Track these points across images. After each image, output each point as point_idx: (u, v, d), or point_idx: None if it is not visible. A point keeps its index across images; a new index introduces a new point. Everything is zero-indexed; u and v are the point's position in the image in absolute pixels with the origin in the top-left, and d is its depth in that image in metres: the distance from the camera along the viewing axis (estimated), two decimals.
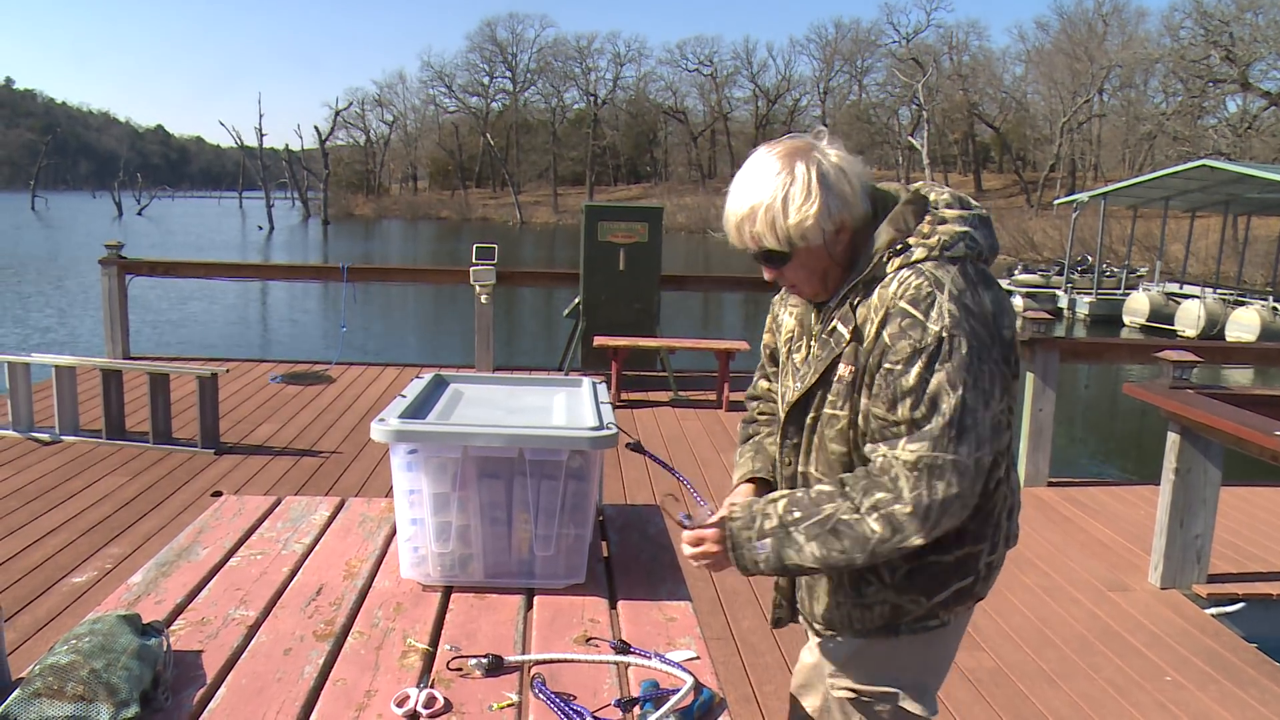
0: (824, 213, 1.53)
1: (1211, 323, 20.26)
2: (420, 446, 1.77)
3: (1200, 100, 46.36)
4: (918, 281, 1.49)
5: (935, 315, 1.47)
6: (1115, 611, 4.09)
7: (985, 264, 1.58)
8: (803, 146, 1.57)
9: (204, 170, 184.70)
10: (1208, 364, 5.10)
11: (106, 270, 8.47)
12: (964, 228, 1.55)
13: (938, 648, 1.73)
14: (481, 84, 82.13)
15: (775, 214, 1.54)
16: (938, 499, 1.47)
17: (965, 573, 1.63)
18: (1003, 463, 1.59)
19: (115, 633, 1.40)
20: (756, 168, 1.58)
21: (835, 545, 1.53)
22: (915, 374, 1.47)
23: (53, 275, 29.26)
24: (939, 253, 1.52)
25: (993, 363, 1.49)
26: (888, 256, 1.54)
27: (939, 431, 1.46)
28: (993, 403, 1.49)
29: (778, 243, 1.56)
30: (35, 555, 4.25)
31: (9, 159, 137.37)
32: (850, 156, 1.59)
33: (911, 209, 1.57)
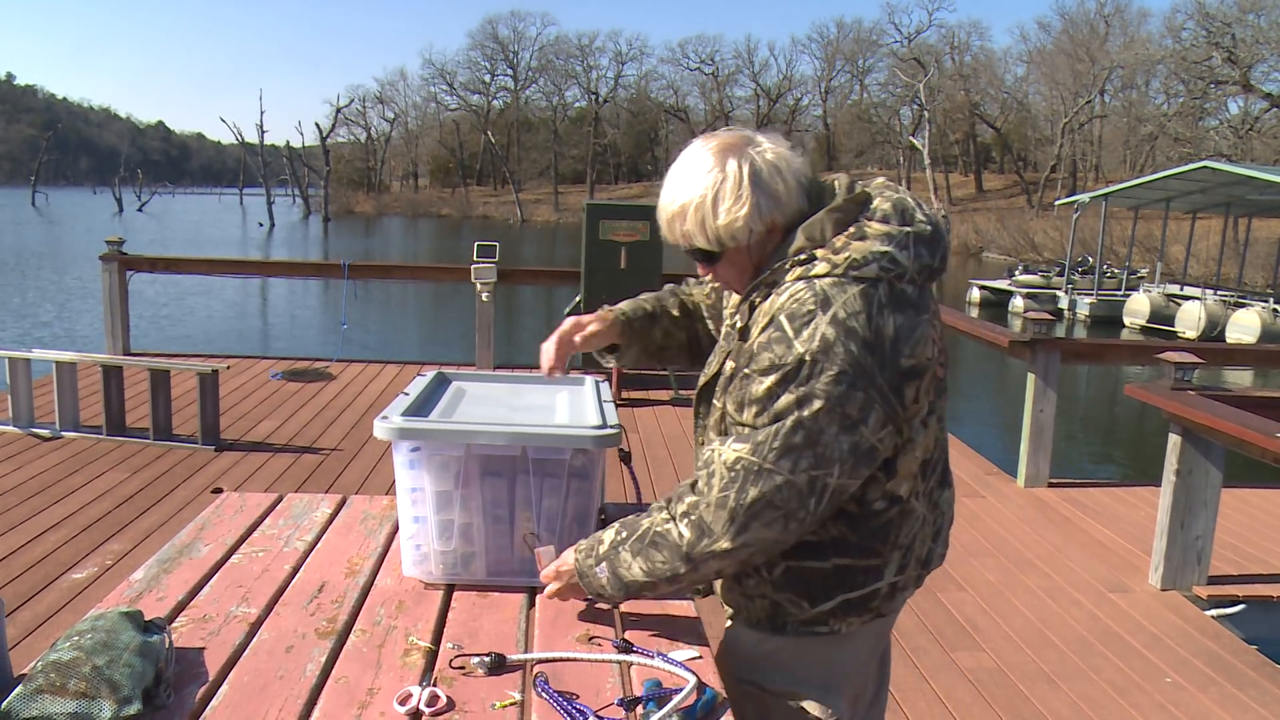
0: (754, 214, 1.51)
1: (1212, 324, 20.26)
2: (423, 444, 1.77)
3: (1202, 102, 46.37)
4: (804, 297, 1.45)
5: (806, 336, 1.43)
6: (1115, 612, 4.09)
7: (912, 284, 1.50)
8: (737, 142, 1.54)
9: (205, 167, 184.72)
10: (1209, 365, 5.10)
11: (107, 266, 8.46)
12: (884, 247, 1.48)
13: (838, 656, 1.70)
14: (483, 82, 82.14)
15: (705, 213, 1.52)
16: (745, 502, 1.47)
17: (852, 585, 1.60)
18: (903, 490, 1.57)
19: (117, 629, 1.40)
20: (689, 163, 1.55)
21: (656, 557, 1.55)
22: (765, 387, 1.46)
23: (53, 271, 29.25)
24: (843, 271, 1.46)
25: (873, 390, 1.44)
26: (791, 264, 1.50)
27: (764, 438, 1.45)
28: (863, 429, 1.45)
29: (707, 242, 1.55)
30: (36, 551, 4.25)
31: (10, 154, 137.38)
32: (787, 152, 1.56)
33: (834, 218, 1.51)
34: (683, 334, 1.94)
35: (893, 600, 1.66)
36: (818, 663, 1.69)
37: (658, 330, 1.93)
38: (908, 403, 1.49)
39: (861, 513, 1.56)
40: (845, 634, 1.65)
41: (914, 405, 1.51)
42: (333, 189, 73.60)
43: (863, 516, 1.56)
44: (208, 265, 12.03)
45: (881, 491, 1.55)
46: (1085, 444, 11.97)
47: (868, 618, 1.65)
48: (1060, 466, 6.24)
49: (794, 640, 1.65)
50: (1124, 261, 26.65)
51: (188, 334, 16.98)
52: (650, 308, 1.93)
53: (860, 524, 1.56)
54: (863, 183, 1.60)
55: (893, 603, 1.67)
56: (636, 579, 1.58)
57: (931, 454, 1.61)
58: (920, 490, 1.60)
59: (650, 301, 1.94)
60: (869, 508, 1.56)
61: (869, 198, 1.55)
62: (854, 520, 1.56)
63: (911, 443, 1.54)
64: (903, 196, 1.56)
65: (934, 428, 1.59)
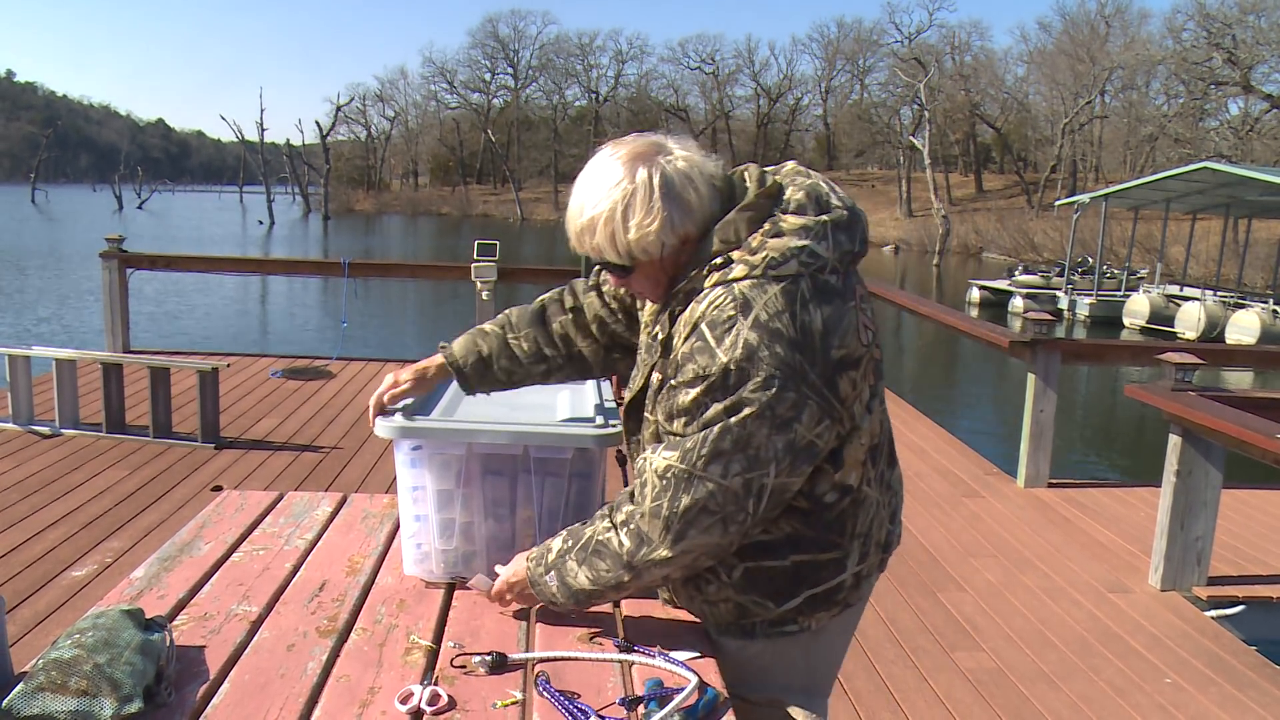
0: (666, 227, 1.47)
1: (1212, 325, 20.27)
2: (425, 443, 1.77)
3: (1202, 102, 46.38)
4: (723, 304, 1.43)
5: (729, 344, 1.41)
6: (1115, 613, 4.09)
7: (835, 273, 1.48)
8: (647, 150, 1.50)
9: (205, 164, 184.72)
10: (1209, 366, 5.10)
11: (107, 264, 8.46)
12: (802, 241, 1.45)
13: (816, 656, 1.71)
14: (483, 80, 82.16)
15: (615, 227, 1.48)
16: (678, 510, 1.46)
17: (816, 580, 1.59)
18: (852, 479, 1.55)
19: (118, 627, 1.40)
20: (598, 173, 1.51)
21: (600, 565, 1.54)
22: (693, 397, 1.44)
23: (53, 268, 29.24)
24: (762, 271, 1.43)
25: (805, 388, 1.42)
26: (709, 270, 1.47)
27: (692, 445, 1.44)
28: (797, 427, 1.43)
29: (618, 256, 1.51)
30: (35, 548, 4.24)
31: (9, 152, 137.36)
32: (699, 157, 1.52)
33: (747, 216, 1.48)
34: (539, 366, 1.88)
35: (858, 589, 1.65)
36: (797, 667, 1.69)
37: (498, 369, 1.87)
38: (844, 395, 1.47)
39: (813, 507, 1.55)
40: (816, 630, 1.64)
41: (852, 395, 1.49)
42: (333, 187, 73.56)
43: (815, 511, 1.55)
44: (208, 263, 12.04)
45: (831, 484, 1.54)
46: (1085, 444, 11.97)
47: (836, 610, 1.64)
48: (1060, 467, 6.24)
49: (769, 643, 1.64)
50: (1124, 262, 26.65)
51: (187, 331, 16.98)
52: (486, 350, 1.86)
53: (814, 518, 1.55)
54: (773, 171, 1.57)
55: (859, 592, 1.66)
56: (584, 587, 1.57)
57: (877, 438, 1.59)
58: (871, 476, 1.59)
59: (490, 342, 1.87)
60: (820, 501, 1.54)
61: (781, 189, 1.52)
62: (807, 515, 1.55)
63: (857, 430, 1.53)
64: (815, 183, 1.54)
65: (877, 412, 1.58)
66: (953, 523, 5.14)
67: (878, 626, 3.84)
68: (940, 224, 43.49)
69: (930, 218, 47.34)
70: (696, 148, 1.54)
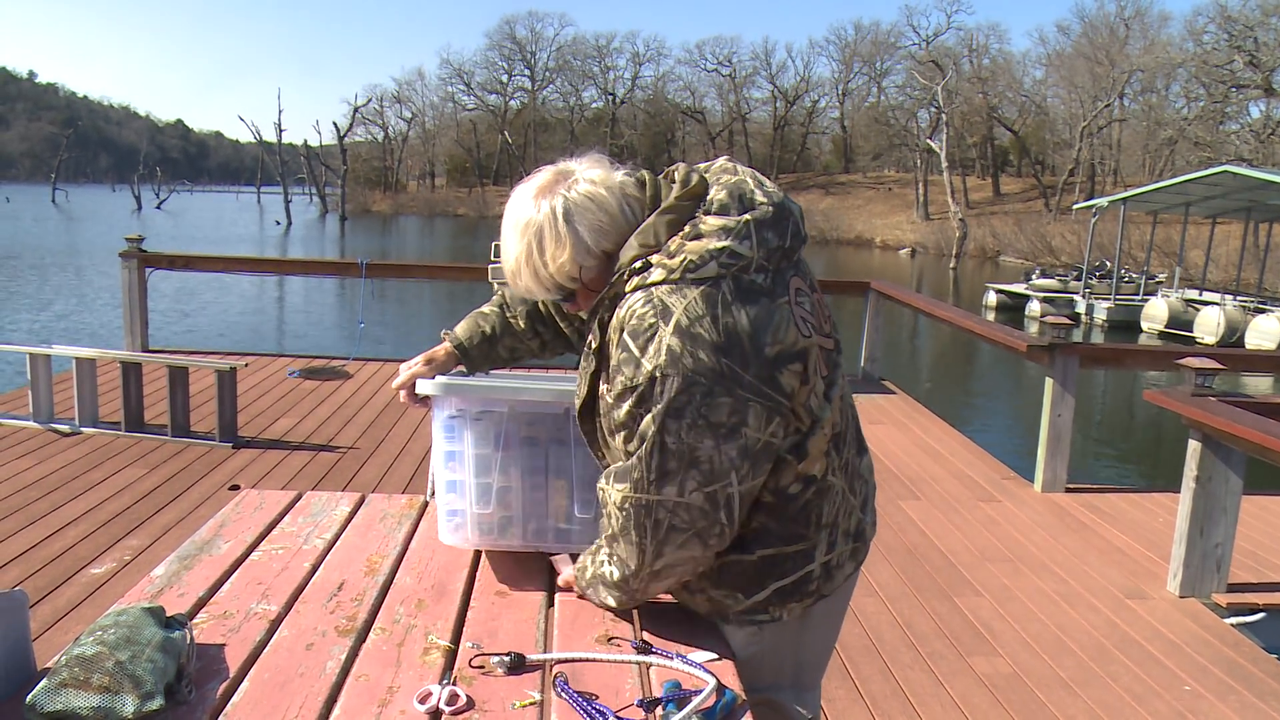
0: (578, 251, 1.52)
1: (1231, 330, 20.11)
2: (465, 404, 1.77)
3: (1223, 105, 46.05)
4: (643, 311, 1.44)
5: (652, 352, 1.42)
6: (1133, 619, 4.06)
7: (763, 271, 1.47)
8: (549, 182, 1.55)
9: (223, 165, 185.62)
10: (1229, 371, 5.06)
11: (127, 263, 8.51)
12: (721, 243, 1.45)
13: (805, 649, 1.74)
14: (500, 82, 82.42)
15: (535, 264, 1.54)
16: (646, 537, 1.50)
17: (782, 573, 1.60)
18: (816, 469, 1.56)
19: (140, 625, 1.41)
20: (512, 215, 1.57)
21: (614, 593, 1.63)
22: (625, 411, 1.46)
23: (73, 267, 29.47)
24: (680, 275, 1.43)
25: (740, 390, 1.42)
26: (629, 274, 1.48)
27: (639, 475, 1.46)
28: (745, 431, 1.44)
29: (548, 291, 1.57)
30: (56, 545, 4.27)
31: (31, 152, 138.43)
32: (605, 173, 1.55)
33: (667, 219, 1.49)
34: (534, 341, 1.95)
35: (830, 580, 1.65)
36: (785, 663, 1.70)
37: (501, 348, 1.95)
38: (789, 389, 1.47)
39: (778, 501, 1.55)
40: (795, 620, 1.65)
41: (801, 388, 1.49)
42: (350, 188, 73.81)
43: (780, 504, 1.56)
44: (226, 263, 12.12)
45: (795, 475, 1.54)
46: (1103, 450, 11.90)
47: (809, 601, 1.64)
48: (1078, 472, 6.20)
49: (750, 637, 1.66)
50: (1142, 266, 26.49)
51: (205, 331, 17.07)
52: (489, 329, 1.94)
53: (779, 511, 1.56)
54: (702, 170, 1.58)
55: (832, 582, 1.65)
56: (614, 606, 1.67)
57: (839, 427, 1.60)
58: (835, 465, 1.59)
59: (491, 321, 1.95)
60: (785, 493, 1.55)
61: (706, 189, 1.53)
62: (773, 509, 1.56)
63: (819, 422, 1.53)
64: (740, 180, 1.54)
65: (837, 401, 1.58)
66: (969, 527, 5.12)
67: (894, 630, 3.83)
68: (957, 227, 43.34)
69: (947, 221, 47.18)
70: (606, 164, 1.58)
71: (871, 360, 8.91)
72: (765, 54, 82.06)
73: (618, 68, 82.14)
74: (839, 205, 61.39)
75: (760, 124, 79.78)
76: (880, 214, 58.33)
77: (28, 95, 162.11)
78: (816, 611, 1.68)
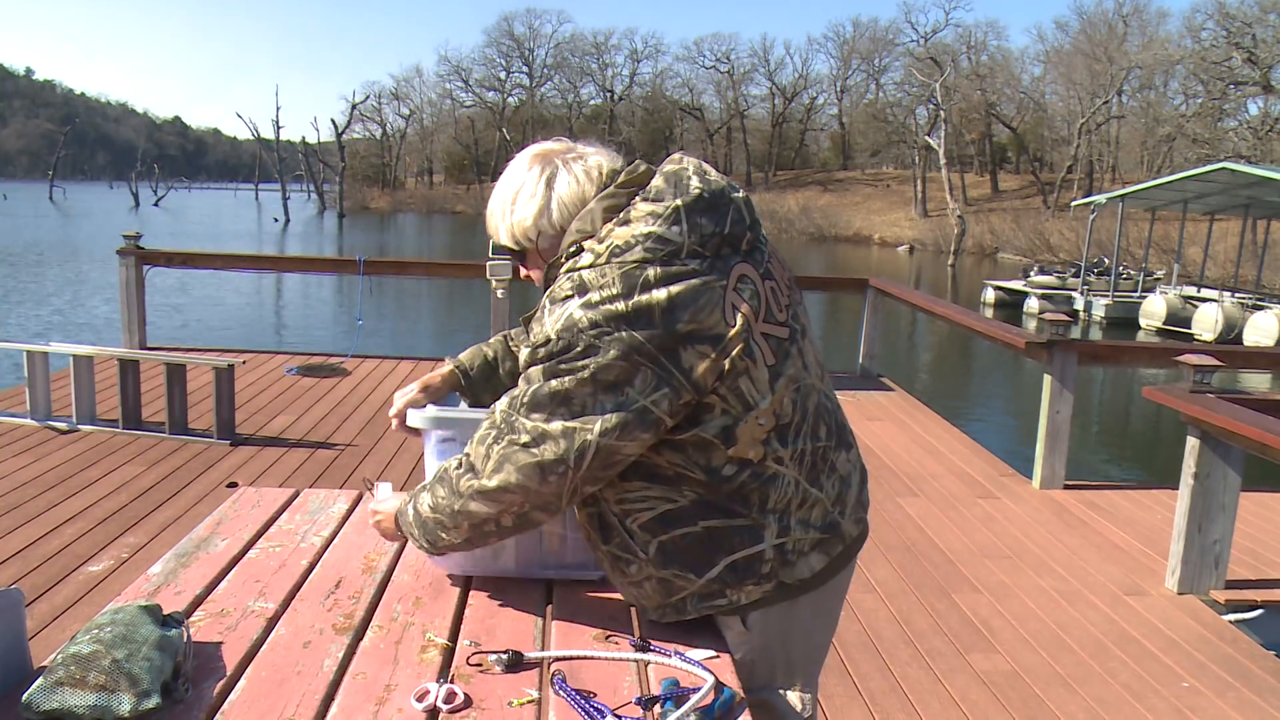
0: (542, 215, 1.60)
1: (1229, 327, 20.12)
2: (457, 433, 1.77)
3: (1221, 102, 46.05)
4: (563, 284, 1.50)
5: (556, 316, 1.47)
6: (1132, 616, 4.06)
7: (698, 256, 1.48)
8: (554, 149, 1.65)
9: (221, 162, 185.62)
10: (1228, 368, 5.06)
11: (124, 260, 8.50)
12: (648, 228, 1.48)
13: (795, 646, 1.70)
14: (498, 79, 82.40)
15: (505, 209, 1.64)
16: (501, 447, 1.52)
17: (730, 547, 1.58)
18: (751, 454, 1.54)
19: (136, 623, 1.40)
20: (512, 164, 1.67)
21: (439, 491, 1.61)
22: (524, 357, 1.53)
23: (70, 264, 29.43)
24: (606, 259, 1.48)
25: (638, 356, 1.44)
26: (565, 258, 1.55)
27: (516, 394, 1.52)
28: (629, 390, 1.45)
29: (507, 239, 1.67)
30: (53, 543, 4.27)
31: (28, 149, 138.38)
32: (606, 162, 1.62)
33: (604, 205, 1.56)
34: None
35: (791, 568, 1.61)
36: (776, 659, 1.69)
37: (503, 372, 1.97)
38: (686, 366, 1.46)
39: (710, 480, 1.55)
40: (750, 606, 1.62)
41: (704, 369, 1.47)
42: (348, 185, 73.79)
43: (713, 483, 1.55)
44: (224, 260, 12.10)
45: (725, 458, 1.54)
46: (1101, 446, 11.91)
47: (767, 586, 1.61)
48: (1076, 469, 6.20)
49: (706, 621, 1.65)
50: (1140, 263, 26.49)
51: (202, 328, 17.05)
52: (492, 354, 1.98)
53: (712, 489, 1.56)
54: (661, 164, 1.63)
55: (792, 570, 1.61)
56: (426, 517, 1.64)
57: (789, 419, 1.57)
58: (783, 455, 1.56)
59: (494, 348, 2.00)
60: (718, 473, 1.55)
61: (650, 177, 1.58)
62: (705, 485, 1.56)
63: (752, 409, 1.52)
64: (681, 169, 1.57)
65: (786, 391, 1.56)
66: (967, 524, 5.12)
67: (892, 627, 3.83)
68: (955, 224, 43.35)
69: (945, 218, 47.18)
70: (607, 155, 1.64)
71: (870, 357, 8.90)
72: (764, 51, 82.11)
73: (616, 65, 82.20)
74: (837, 202, 61.39)
75: (758, 121, 79.76)
76: (879, 211, 58.32)
77: (25, 92, 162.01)
78: (803, 610, 1.66)
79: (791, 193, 64.81)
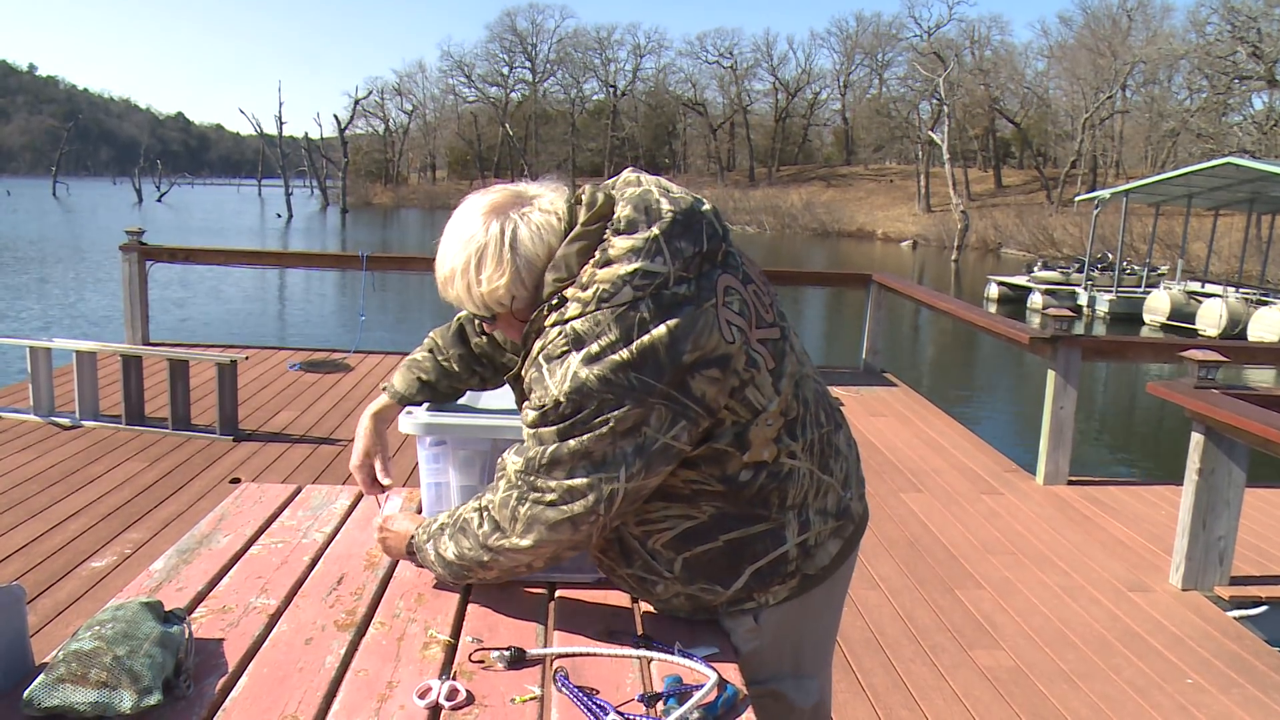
0: (514, 281, 1.51)
1: (1234, 322, 20.08)
2: (448, 439, 1.76)
3: (1225, 97, 45.94)
4: (556, 340, 1.45)
5: (559, 378, 1.43)
6: (1136, 612, 4.05)
7: (684, 281, 1.44)
8: (505, 202, 1.55)
9: (224, 158, 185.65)
10: (1232, 364, 5.05)
11: (127, 256, 8.50)
12: (632, 265, 1.42)
13: (806, 636, 1.72)
14: (501, 74, 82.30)
15: (470, 280, 1.53)
16: (525, 510, 1.50)
17: (754, 555, 1.58)
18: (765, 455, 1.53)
19: (138, 619, 1.40)
20: (458, 225, 1.56)
21: (464, 543, 1.59)
22: (533, 418, 1.48)
23: (73, 260, 29.46)
24: (595, 306, 1.42)
25: (652, 398, 1.42)
26: (547, 310, 1.48)
27: (534, 454, 1.48)
28: (646, 430, 1.43)
29: (476, 307, 1.57)
30: (56, 539, 4.27)
31: (31, 145, 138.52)
32: (561, 205, 1.54)
33: (577, 247, 1.48)
34: (474, 379, 1.95)
35: (812, 559, 1.62)
36: (784, 653, 1.69)
37: (442, 387, 1.93)
38: (698, 394, 1.45)
39: (729, 489, 1.54)
40: (775, 605, 1.62)
41: (714, 392, 1.46)
42: (350, 180, 73.69)
43: (732, 491, 1.54)
44: (226, 256, 12.05)
45: (741, 465, 1.53)
46: (1105, 442, 11.89)
47: (792, 583, 1.62)
48: (1080, 464, 6.19)
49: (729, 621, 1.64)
50: (1144, 258, 26.44)
51: (205, 324, 17.06)
52: (426, 376, 1.92)
53: (733, 497, 1.55)
54: (609, 187, 1.56)
55: (813, 561, 1.62)
56: (451, 560, 1.63)
57: (794, 412, 1.57)
58: (795, 449, 1.57)
59: (426, 368, 1.92)
60: (735, 481, 1.53)
61: (612, 208, 1.50)
62: (725, 496, 1.54)
63: (762, 412, 1.51)
64: (645, 191, 1.51)
65: (789, 387, 1.56)
66: (971, 520, 5.11)
67: (895, 623, 3.82)
68: (959, 219, 43.26)
69: (949, 213, 47.10)
70: (555, 187, 1.58)
71: (873, 352, 8.89)
72: (767, 46, 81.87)
73: (619, 60, 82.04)
74: (840, 197, 61.31)
75: (761, 116, 79.63)
76: (882, 206, 58.25)
77: (28, 88, 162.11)
78: (815, 598, 1.66)
79: (795, 188, 64.72)
